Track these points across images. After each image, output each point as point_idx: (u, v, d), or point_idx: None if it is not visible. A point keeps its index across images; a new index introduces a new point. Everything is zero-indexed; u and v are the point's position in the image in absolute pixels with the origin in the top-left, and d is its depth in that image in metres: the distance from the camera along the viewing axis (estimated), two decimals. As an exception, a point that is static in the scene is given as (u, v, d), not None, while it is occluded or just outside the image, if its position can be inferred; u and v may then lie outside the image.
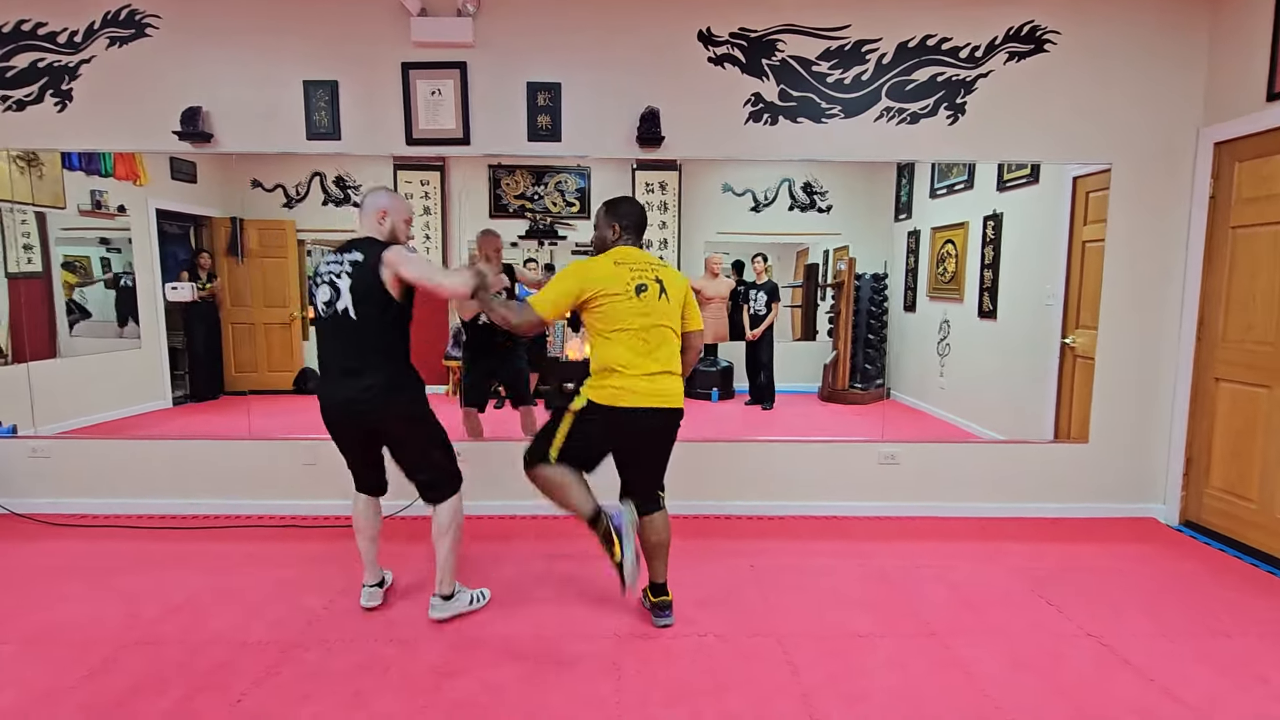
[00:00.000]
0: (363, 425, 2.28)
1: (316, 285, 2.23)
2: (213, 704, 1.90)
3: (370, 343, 2.19)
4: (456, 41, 3.19)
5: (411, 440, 2.30)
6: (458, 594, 2.42)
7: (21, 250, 4.06)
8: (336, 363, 2.24)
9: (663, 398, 2.32)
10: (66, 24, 3.18)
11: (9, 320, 3.93)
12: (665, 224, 4.52)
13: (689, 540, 3.14)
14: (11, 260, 4.01)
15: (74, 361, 3.98)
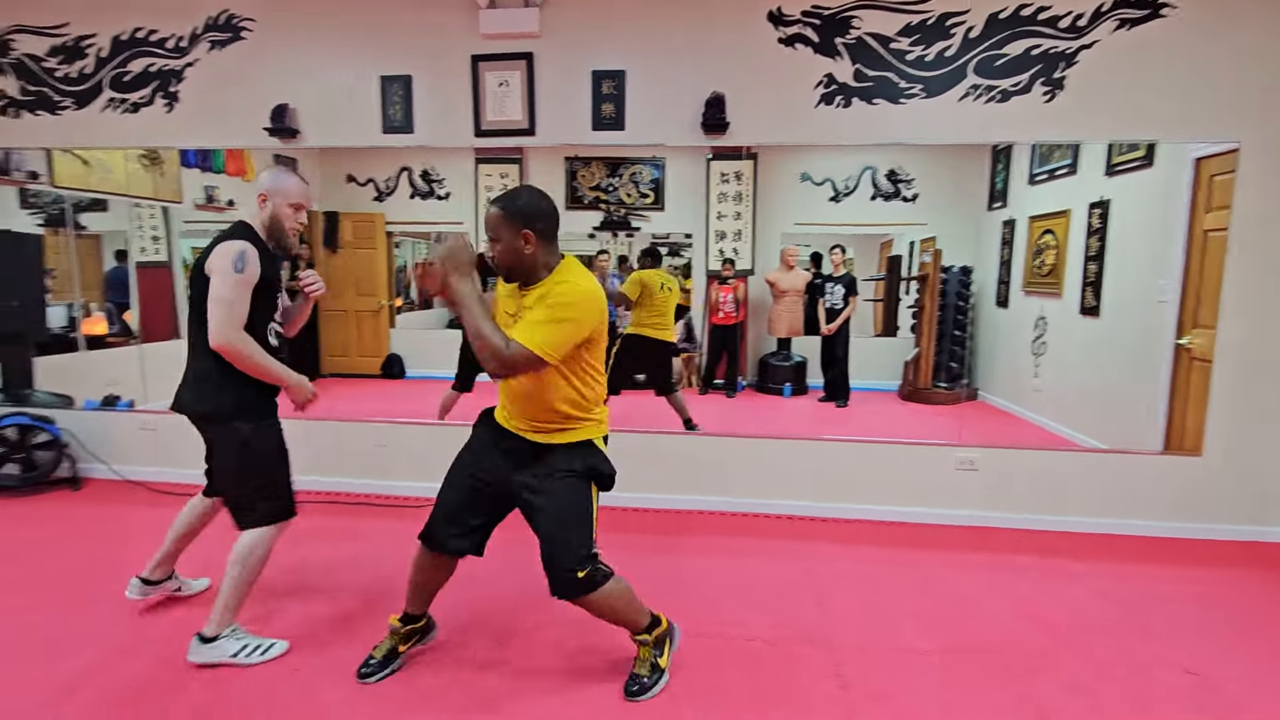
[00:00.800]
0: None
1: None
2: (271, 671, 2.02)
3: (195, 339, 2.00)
4: (523, 32, 3.21)
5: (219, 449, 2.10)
6: (225, 638, 2.03)
7: (150, 241, 4.49)
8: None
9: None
10: (174, 30, 3.44)
11: (141, 303, 4.38)
12: (740, 215, 4.42)
13: (744, 538, 3.05)
14: (140, 250, 4.44)
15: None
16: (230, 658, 2.02)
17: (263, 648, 2.07)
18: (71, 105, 3.55)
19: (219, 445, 2.09)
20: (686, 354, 4.70)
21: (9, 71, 3.58)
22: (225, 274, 1.91)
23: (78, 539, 2.94)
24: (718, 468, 3.41)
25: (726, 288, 4.40)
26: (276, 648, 2.09)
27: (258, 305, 1.99)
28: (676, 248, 5.01)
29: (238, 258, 1.92)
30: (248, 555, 2.02)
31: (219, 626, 2.03)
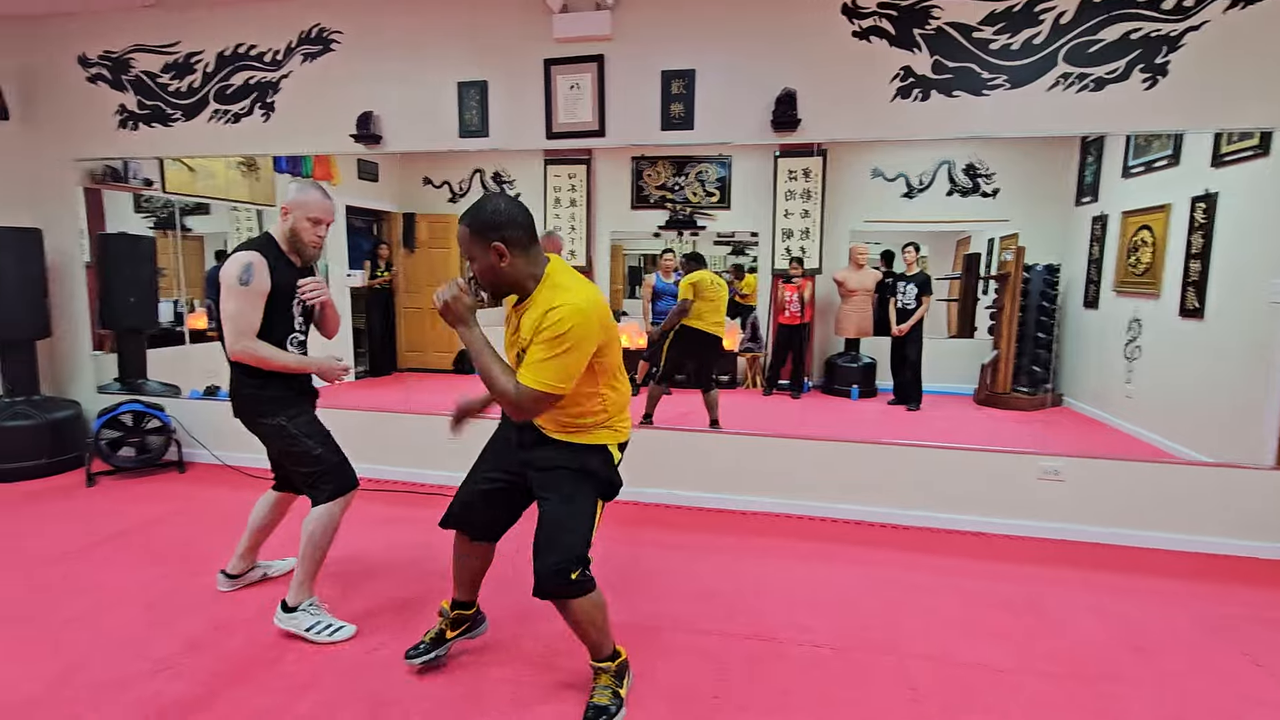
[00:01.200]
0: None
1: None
2: (353, 649, 2.13)
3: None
4: (595, 35, 3.26)
5: (268, 444, 2.27)
6: (302, 610, 2.18)
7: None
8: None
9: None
10: (271, 45, 3.67)
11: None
12: (808, 213, 4.33)
13: (807, 542, 3.01)
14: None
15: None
16: (304, 631, 2.16)
17: (332, 628, 2.18)
18: (181, 117, 3.84)
19: (267, 441, 2.26)
20: (750, 354, 4.65)
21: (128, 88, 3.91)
22: (231, 287, 2.04)
23: (185, 518, 3.19)
24: (781, 469, 3.36)
25: (792, 286, 4.33)
26: (344, 631, 2.19)
27: (274, 315, 2.12)
28: (741, 246, 4.97)
29: (244, 270, 2.04)
30: (315, 530, 2.16)
31: (296, 598, 2.19)
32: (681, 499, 3.45)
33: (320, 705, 1.85)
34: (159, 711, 1.81)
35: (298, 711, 1.82)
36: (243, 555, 2.49)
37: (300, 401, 2.25)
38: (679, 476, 3.45)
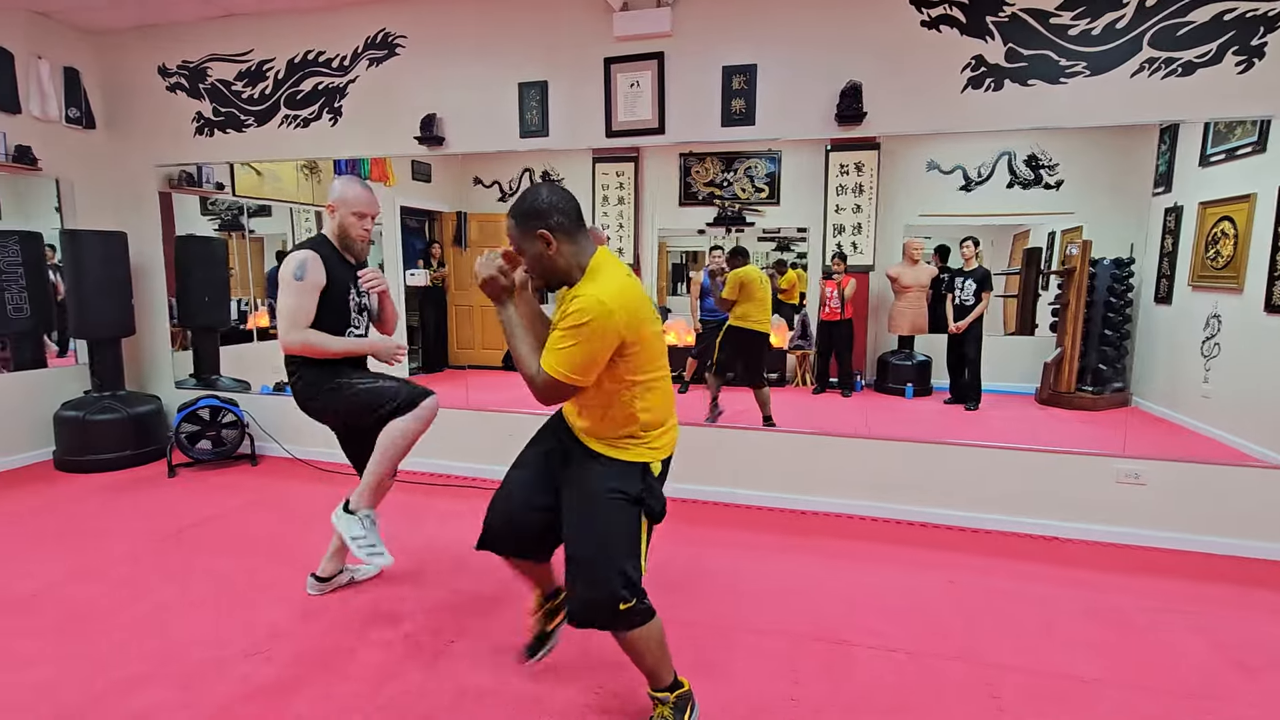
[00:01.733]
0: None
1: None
2: (432, 642, 2.19)
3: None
4: (656, 32, 3.25)
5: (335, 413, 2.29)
6: (360, 517, 2.20)
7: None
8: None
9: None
10: (339, 51, 3.78)
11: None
12: (860, 207, 4.26)
13: (876, 544, 2.96)
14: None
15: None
16: (350, 538, 2.17)
17: (375, 548, 2.17)
18: (254, 123, 3.99)
19: (331, 415, 2.29)
20: (800, 351, 4.60)
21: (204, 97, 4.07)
22: (287, 282, 2.12)
23: (262, 509, 3.32)
24: (839, 468, 3.32)
25: (831, 282, 4.26)
26: (381, 559, 2.18)
27: (331, 312, 2.19)
28: (787, 242, 4.91)
29: (299, 266, 2.12)
30: (389, 443, 2.19)
31: (358, 503, 2.22)
32: (740, 497, 3.43)
33: (402, 694, 1.90)
34: (251, 693, 1.89)
35: (381, 700, 1.87)
36: (332, 557, 2.48)
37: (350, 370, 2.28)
38: (737, 475, 3.44)
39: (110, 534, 2.95)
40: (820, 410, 4.26)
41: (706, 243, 4.97)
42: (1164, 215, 3.82)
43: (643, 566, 1.62)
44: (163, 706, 1.84)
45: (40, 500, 3.42)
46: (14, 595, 2.43)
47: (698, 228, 4.95)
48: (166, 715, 1.80)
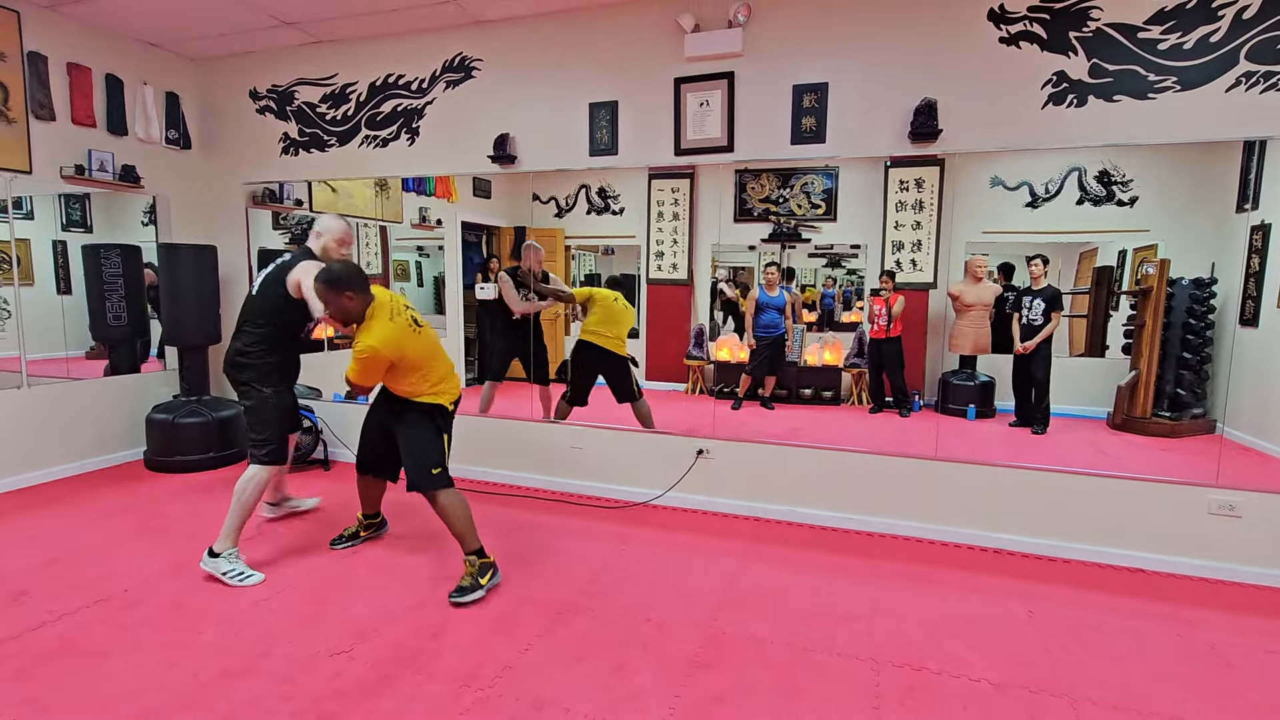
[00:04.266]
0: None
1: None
2: (505, 646, 2.22)
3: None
4: (726, 52, 3.30)
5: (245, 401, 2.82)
6: (223, 558, 2.63)
7: (374, 256, 5.16)
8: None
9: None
10: (418, 74, 3.95)
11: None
12: (920, 224, 4.20)
13: (949, 570, 2.88)
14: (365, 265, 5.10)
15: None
16: (221, 574, 2.60)
17: (244, 575, 2.63)
18: (336, 143, 4.18)
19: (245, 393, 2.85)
20: (856, 369, 4.54)
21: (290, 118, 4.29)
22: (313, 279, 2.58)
23: (336, 511, 3.44)
24: (906, 490, 3.24)
25: (879, 299, 4.21)
26: (254, 578, 2.63)
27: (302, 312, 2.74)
28: (838, 258, 4.87)
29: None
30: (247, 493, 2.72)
31: (222, 546, 2.65)
32: (802, 516, 3.39)
33: (483, 701, 1.94)
34: (341, 691, 1.96)
35: (464, 703, 1.91)
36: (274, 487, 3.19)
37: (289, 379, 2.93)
38: (798, 493, 3.40)
39: (199, 533, 3.10)
40: (878, 430, 4.20)
41: (755, 259, 4.97)
42: (1250, 233, 3.67)
43: (446, 455, 2.65)
44: (264, 699, 1.92)
45: (132, 498, 3.61)
46: (115, 587, 2.58)
47: (749, 244, 4.96)
48: (268, 706, 1.88)
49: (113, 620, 2.33)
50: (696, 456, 3.54)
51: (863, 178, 4.43)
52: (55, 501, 3.53)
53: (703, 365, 4.91)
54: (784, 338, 4.60)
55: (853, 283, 4.88)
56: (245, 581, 2.60)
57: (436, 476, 2.58)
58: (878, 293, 4.22)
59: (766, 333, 4.59)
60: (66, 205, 4.10)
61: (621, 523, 3.36)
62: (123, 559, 2.83)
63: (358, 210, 4.93)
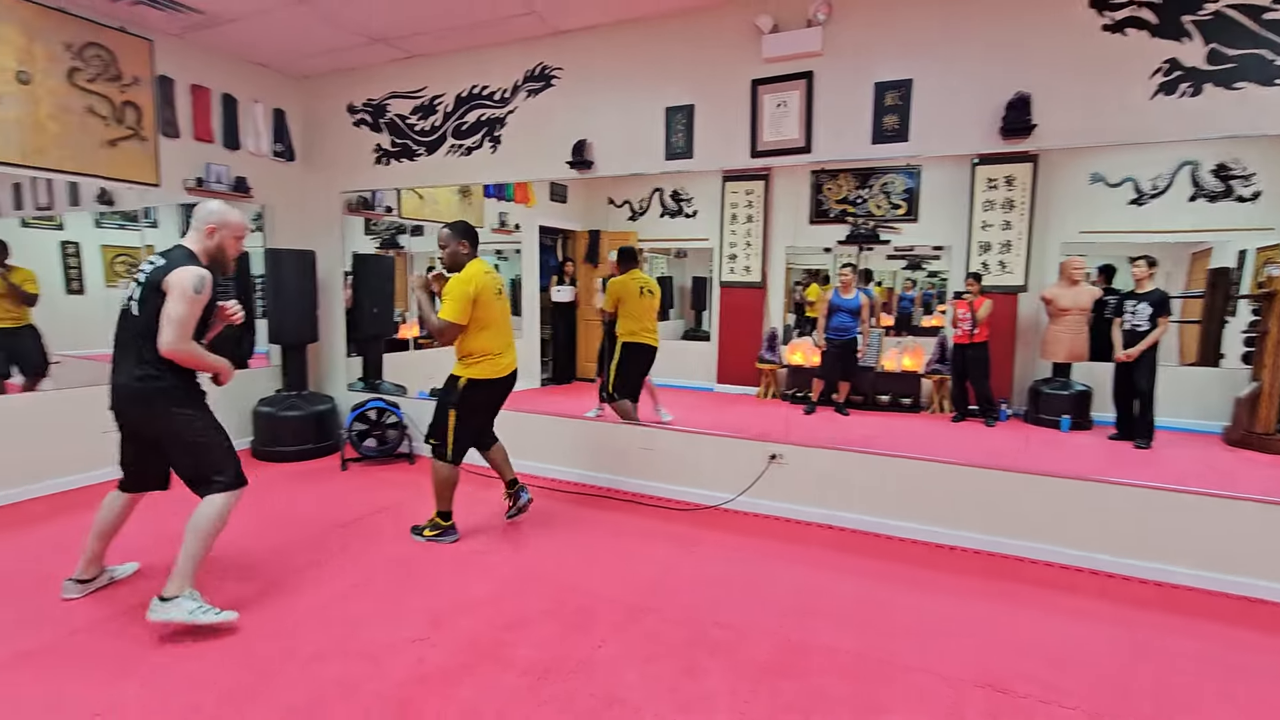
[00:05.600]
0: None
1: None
2: (580, 641, 2.27)
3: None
4: (805, 52, 3.26)
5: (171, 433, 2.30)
6: (182, 599, 2.21)
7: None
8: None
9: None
10: (501, 84, 4.10)
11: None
12: (1010, 224, 3.99)
13: (1037, 588, 2.73)
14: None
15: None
16: (187, 615, 2.19)
17: (210, 610, 2.23)
18: (424, 152, 4.40)
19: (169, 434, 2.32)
20: (938, 376, 4.36)
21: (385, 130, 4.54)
22: (184, 293, 2.15)
23: (418, 504, 3.61)
24: (992, 503, 3.09)
25: (963, 303, 4.00)
26: (227, 615, 2.26)
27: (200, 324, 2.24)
28: (918, 260, 4.69)
29: (199, 280, 2.18)
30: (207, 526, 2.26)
31: (176, 589, 2.23)
32: (877, 526, 3.29)
33: (559, 695, 1.99)
34: (425, 676, 2.06)
35: (542, 696, 1.97)
36: (91, 560, 2.49)
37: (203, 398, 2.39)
38: (874, 502, 3.30)
39: (298, 520, 3.33)
40: (961, 439, 4.02)
41: (830, 260, 4.86)
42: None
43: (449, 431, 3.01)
44: (355, 679, 2.04)
45: (241, 484, 3.91)
46: (228, 565, 2.80)
47: (825, 246, 4.85)
48: (359, 686, 2.01)
49: (226, 593, 2.53)
50: (769, 462, 3.50)
51: (947, 176, 4.26)
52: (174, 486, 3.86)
53: (775, 369, 4.84)
54: (855, 341, 4.48)
55: (934, 285, 4.70)
56: (220, 617, 2.24)
57: (433, 448, 3.02)
58: (962, 296, 4.04)
59: (837, 335, 4.49)
60: (188, 214, 4.49)
61: (692, 525, 3.37)
62: (232, 539, 3.07)
63: (441, 215, 5.15)
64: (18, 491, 3.55)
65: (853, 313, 4.49)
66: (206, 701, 1.92)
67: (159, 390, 2.24)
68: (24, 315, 3.81)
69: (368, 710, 1.90)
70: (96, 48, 3.72)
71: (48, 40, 3.54)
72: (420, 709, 1.91)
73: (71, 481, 3.77)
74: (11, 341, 3.79)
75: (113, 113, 3.82)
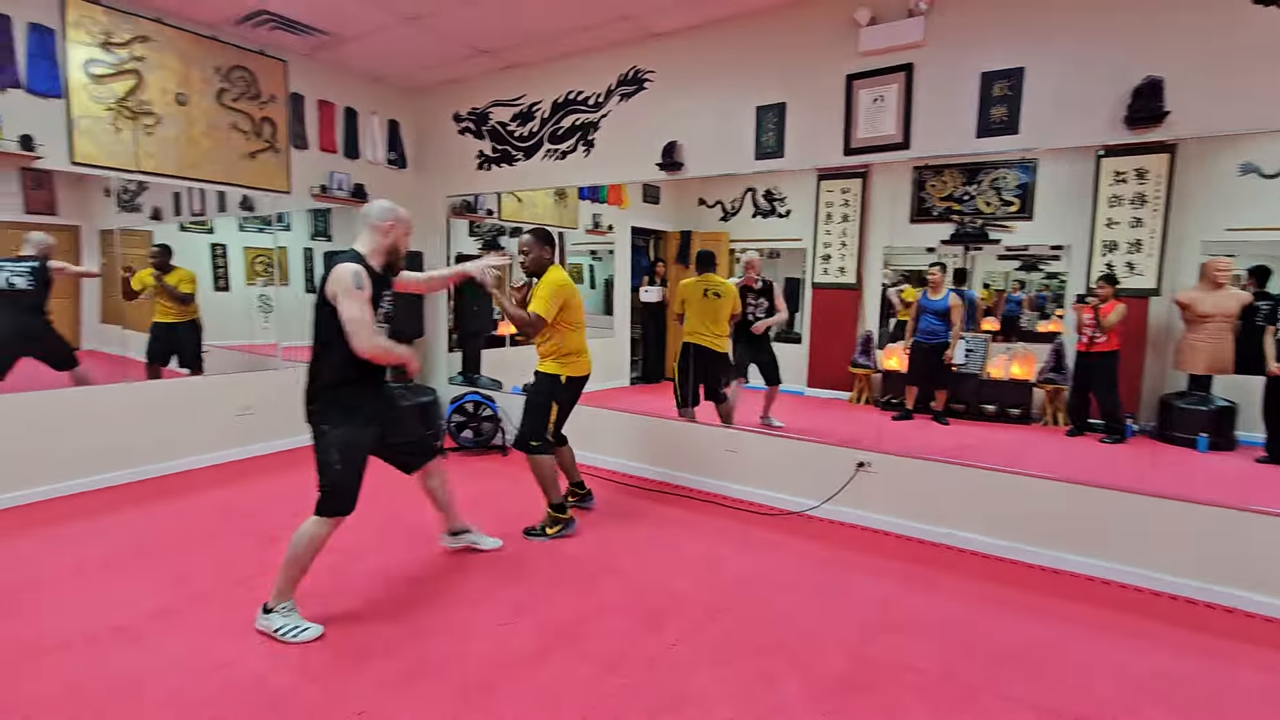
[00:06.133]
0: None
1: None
2: (653, 639, 2.31)
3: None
4: (906, 43, 3.12)
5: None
6: (276, 612, 2.26)
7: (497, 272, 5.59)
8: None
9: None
10: (595, 90, 4.20)
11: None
12: (1140, 220, 3.62)
13: (1158, 622, 2.48)
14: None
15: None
16: (274, 631, 2.23)
17: (299, 629, 2.25)
18: (522, 157, 4.59)
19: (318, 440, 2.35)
20: (1051, 385, 4.03)
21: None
22: (349, 292, 2.18)
23: (512, 495, 3.78)
24: (1108, 526, 2.83)
25: (1086, 307, 3.64)
26: (310, 631, 2.26)
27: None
28: (1034, 261, 4.34)
29: (356, 276, 2.19)
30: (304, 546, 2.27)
31: (276, 602, 2.28)
32: (973, 543, 3.10)
33: (627, 688, 2.03)
34: (509, 656, 2.16)
35: (610, 687, 2.02)
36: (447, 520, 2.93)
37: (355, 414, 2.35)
38: (970, 518, 3.12)
39: (406, 505, 3.58)
40: (1075, 455, 3.70)
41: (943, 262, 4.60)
42: None
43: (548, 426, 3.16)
44: (445, 656, 2.18)
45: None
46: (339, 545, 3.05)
47: (928, 245, 4.60)
48: (447, 663, 2.14)
49: (339, 569, 2.77)
50: (856, 469, 3.39)
51: (1067, 170, 3.93)
52: (302, 464, 4.26)
53: (869, 374, 4.66)
54: (944, 345, 4.23)
55: (1048, 287, 4.36)
56: (301, 636, 2.24)
57: (535, 448, 3.11)
58: (1085, 299, 3.69)
59: (924, 338, 4.26)
60: (314, 218, 4.95)
61: (773, 530, 3.32)
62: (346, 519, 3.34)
63: (539, 218, 5.36)
64: (181, 463, 4.04)
65: (940, 314, 4.25)
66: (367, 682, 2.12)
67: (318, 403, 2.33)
68: (185, 312, 4.35)
69: (453, 684, 2.02)
70: (241, 70, 4.17)
71: (201, 65, 4.00)
72: (500, 688, 2.01)
73: (216, 458, 4.24)
74: (170, 334, 4.33)
75: (253, 128, 4.27)
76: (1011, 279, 4.50)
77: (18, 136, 3.32)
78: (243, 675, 2.05)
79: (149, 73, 3.78)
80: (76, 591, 2.56)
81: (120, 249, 4.13)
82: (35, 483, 3.48)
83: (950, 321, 4.23)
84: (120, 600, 2.49)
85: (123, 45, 3.67)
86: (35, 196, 3.78)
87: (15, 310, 3.68)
